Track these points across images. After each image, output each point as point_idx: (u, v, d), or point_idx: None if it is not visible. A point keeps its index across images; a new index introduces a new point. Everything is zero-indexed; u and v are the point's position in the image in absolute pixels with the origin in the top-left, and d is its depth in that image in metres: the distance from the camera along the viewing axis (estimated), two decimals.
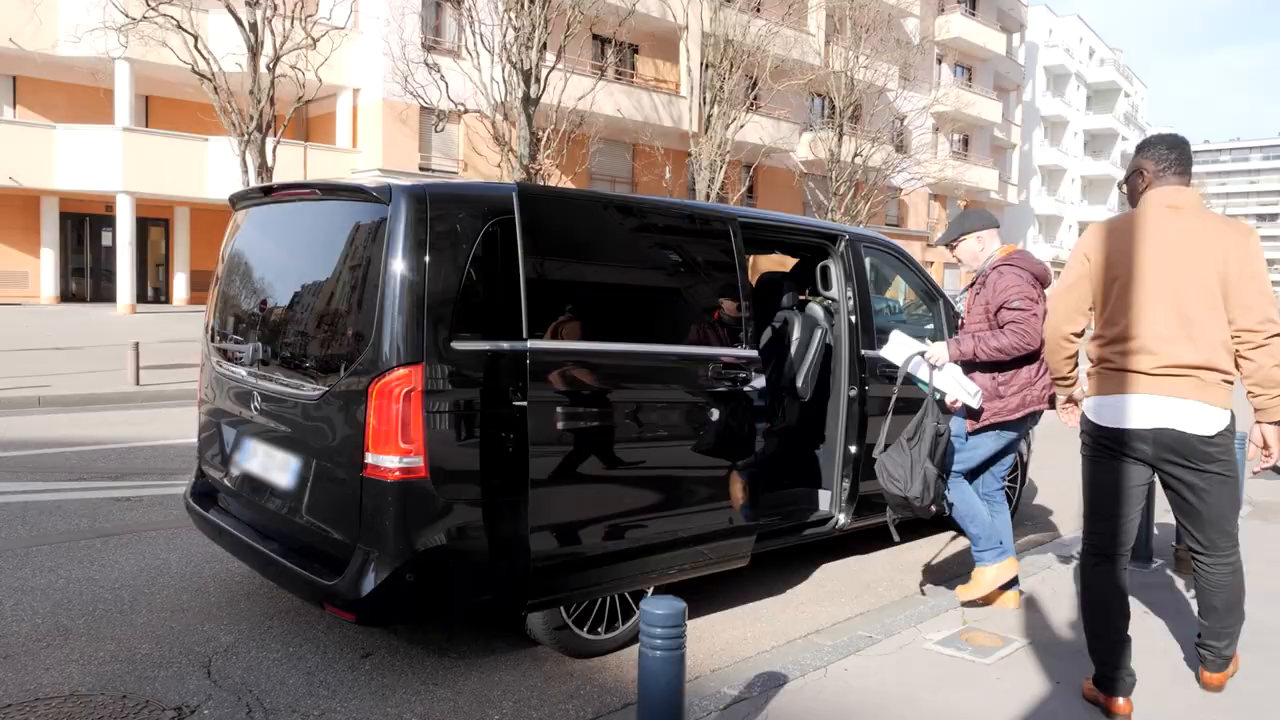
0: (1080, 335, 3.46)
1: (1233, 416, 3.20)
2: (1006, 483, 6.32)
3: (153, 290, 25.85)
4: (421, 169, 24.44)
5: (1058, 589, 4.77)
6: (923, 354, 4.35)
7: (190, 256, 25.39)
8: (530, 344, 3.39)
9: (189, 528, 5.58)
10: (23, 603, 4.31)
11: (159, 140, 22.16)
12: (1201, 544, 3.33)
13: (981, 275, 4.41)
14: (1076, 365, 3.63)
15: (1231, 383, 3.17)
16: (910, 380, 4.44)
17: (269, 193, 4.24)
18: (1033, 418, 4.40)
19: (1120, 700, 3.26)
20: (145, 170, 21.66)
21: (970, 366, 4.32)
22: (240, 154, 16.18)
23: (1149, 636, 4.03)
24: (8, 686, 3.46)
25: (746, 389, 4.15)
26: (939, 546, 5.95)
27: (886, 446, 4.30)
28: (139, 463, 7.43)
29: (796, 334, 5.33)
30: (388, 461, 3.33)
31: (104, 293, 24.67)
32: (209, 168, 22.40)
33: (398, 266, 3.38)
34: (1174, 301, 3.13)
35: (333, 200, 3.87)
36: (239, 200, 4.49)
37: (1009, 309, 4.18)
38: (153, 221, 25.01)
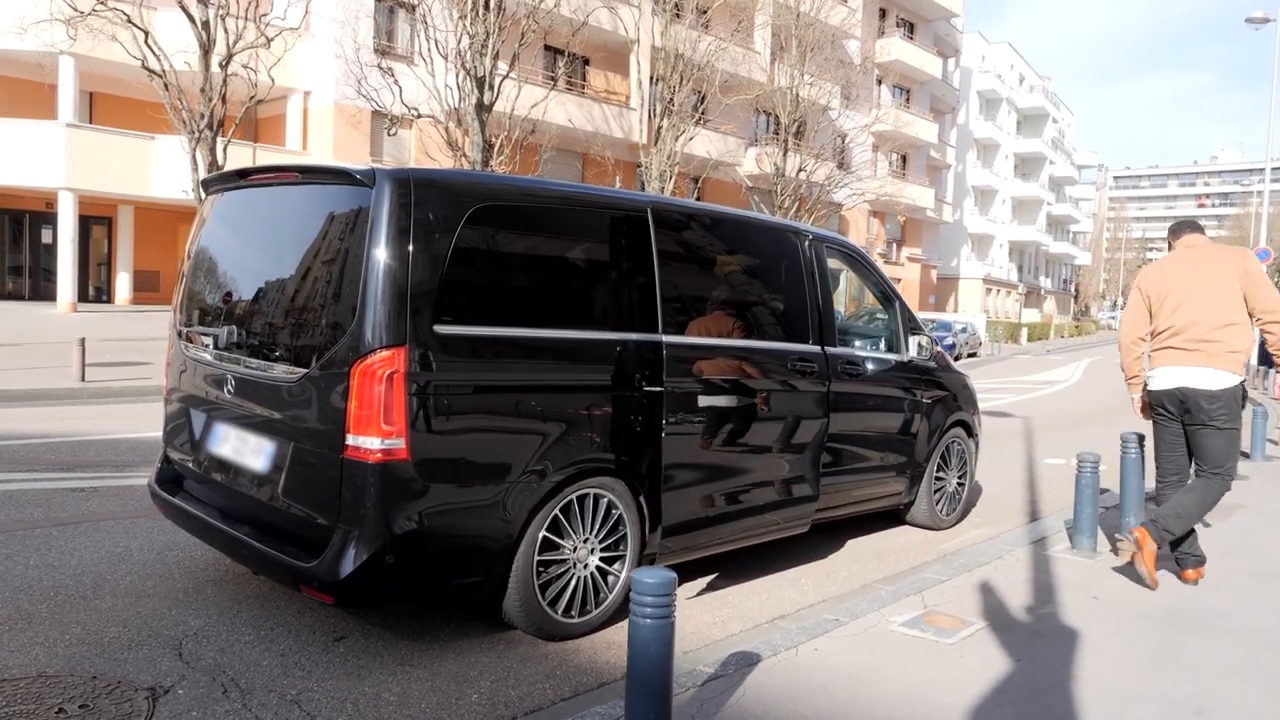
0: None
1: None
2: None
3: (94, 289, 25.13)
4: None
5: (1010, 576, 4.95)
6: None
7: (134, 256, 24.70)
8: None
9: (149, 516, 5.51)
10: None
11: (104, 137, 21.55)
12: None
13: None
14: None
15: None
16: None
17: (244, 176, 4.24)
18: None
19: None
20: (89, 167, 21.06)
21: None
22: (190, 152, 15.91)
23: None
24: None
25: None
26: (894, 538, 6.11)
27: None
28: (91, 455, 7.27)
29: None
30: (369, 443, 3.35)
31: (43, 291, 23.90)
32: (155, 166, 21.87)
33: (381, 250, 3.41)
34: None
35: (313, 184, 3.88)
36: (211, 184, 4.47)
37: None
38: (95, 220, 24.30)
